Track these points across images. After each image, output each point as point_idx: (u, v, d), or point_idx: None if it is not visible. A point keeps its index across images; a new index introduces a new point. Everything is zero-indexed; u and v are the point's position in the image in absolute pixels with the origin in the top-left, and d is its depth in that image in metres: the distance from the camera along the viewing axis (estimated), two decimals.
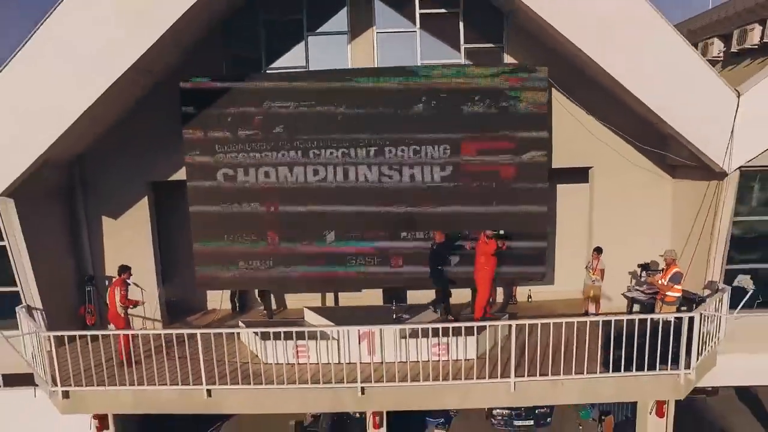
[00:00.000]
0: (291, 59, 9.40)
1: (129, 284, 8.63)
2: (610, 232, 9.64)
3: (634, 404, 9.66)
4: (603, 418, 11.64)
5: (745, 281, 8.93)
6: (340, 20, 9.28)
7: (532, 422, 12.06)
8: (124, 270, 8.63)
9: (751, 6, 9.85)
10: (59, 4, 7.37)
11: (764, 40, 9.62)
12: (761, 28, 9.66)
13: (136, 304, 8.57)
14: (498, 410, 12.01)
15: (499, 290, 11.18)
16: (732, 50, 10.78)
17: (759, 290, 9.04)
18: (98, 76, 7.52)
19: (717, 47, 12.11)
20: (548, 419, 12.16)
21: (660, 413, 9.20)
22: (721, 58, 11.71)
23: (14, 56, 7.56)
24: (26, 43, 7.49)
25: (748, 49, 10.07)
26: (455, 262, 9.34)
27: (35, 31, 7.45)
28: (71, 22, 7.46)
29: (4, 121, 7.73)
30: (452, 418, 12.56)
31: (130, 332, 8.36)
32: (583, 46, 7.67)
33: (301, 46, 9.24)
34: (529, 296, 11.08)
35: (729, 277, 8.90)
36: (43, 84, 7.62)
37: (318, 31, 9.28)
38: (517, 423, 12.02)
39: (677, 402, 9.85)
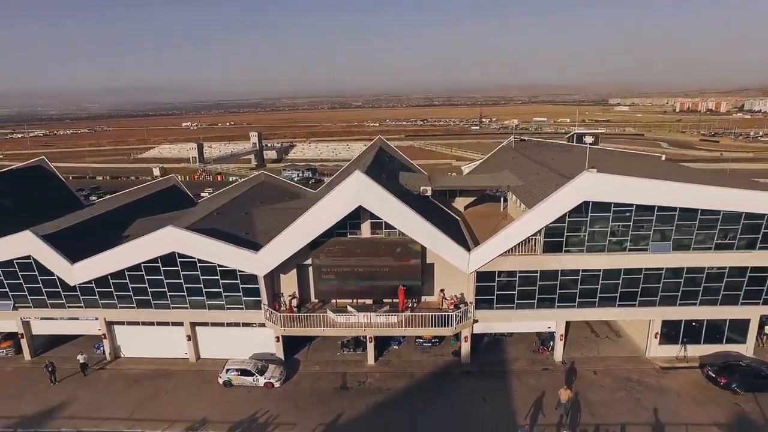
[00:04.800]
0: (342, 230, 28.31)
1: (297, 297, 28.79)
2: (447, 281, 28.94)
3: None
4: (456, 342, 31.16)
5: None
6: (357, 216, 28.15)
7: (431, 344, 31.49)
8: (295, 297, 28.82)
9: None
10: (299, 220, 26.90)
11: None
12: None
13: (300, 304, 28.88)
14: (419, 339, 31.54)
15: (415, 300, 30.61)
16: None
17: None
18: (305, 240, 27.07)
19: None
20: (439, 343, 31.42)
21: (465, 341, 29.09)
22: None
23: (284, 233, 27.02)
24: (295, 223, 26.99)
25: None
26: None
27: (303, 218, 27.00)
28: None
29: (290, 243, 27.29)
30: (402, 342, 32.10)
31: (307, 314, 28.60)
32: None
33: (345, 228, 28.33)
34: (425, 299, 30.53)
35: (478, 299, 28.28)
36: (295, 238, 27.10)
37: (352, 220, 28.17)
38: (425, 344, 31.33)
39: (488, 339, 29.48)
